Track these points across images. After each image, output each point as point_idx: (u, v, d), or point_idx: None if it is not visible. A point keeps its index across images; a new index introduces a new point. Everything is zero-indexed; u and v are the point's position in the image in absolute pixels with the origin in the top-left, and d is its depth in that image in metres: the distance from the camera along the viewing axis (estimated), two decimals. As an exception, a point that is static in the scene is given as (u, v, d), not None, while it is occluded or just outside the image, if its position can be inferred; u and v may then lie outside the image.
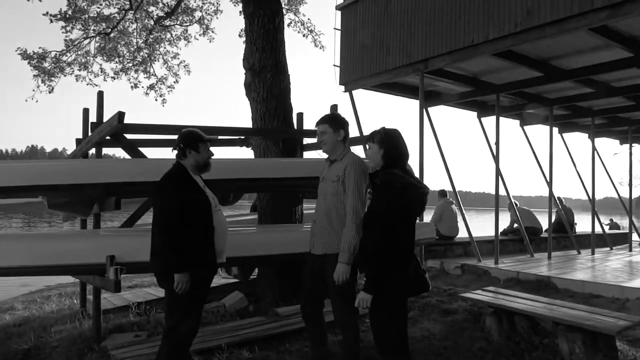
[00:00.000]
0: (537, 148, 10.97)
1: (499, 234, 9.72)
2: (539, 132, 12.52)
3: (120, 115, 3.90)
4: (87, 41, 9.17)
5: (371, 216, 2.90)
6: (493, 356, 4.17)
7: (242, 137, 6.65)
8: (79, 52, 9.17)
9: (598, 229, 11.10)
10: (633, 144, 13.07)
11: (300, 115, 6.65)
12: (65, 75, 9.08)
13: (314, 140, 6.92)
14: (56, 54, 9.00)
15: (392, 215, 2.79)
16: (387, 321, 2.91)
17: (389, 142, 2.97)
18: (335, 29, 8.71)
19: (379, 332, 2.94)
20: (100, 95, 4.87)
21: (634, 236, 12.43)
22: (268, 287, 5.81)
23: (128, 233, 4.35)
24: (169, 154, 3.39)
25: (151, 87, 10.73)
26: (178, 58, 10.83)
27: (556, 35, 5.49)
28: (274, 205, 5.95)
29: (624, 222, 16.77)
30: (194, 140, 3.28)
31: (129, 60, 10.26)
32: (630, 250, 11.18)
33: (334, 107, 6.35)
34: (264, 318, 5.06)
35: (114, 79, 10.26)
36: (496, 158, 8.49)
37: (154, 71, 10.55)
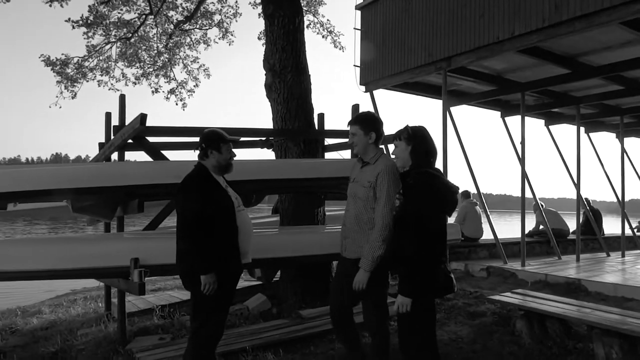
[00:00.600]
0: (562, 148, 10.68)
1: (525, 235, 9.53)
2: (565, 131, 12.19)
3: (143, 117, 3.89)
4: (108, 46, 9.30)
5: (405, 217, 2.82)
6: (525, 361, 4.03)
7: (263, 139, 6.62)
8: (101, 58, 9.30)
9: (627, 231, 10.76)
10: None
11: (321, 116, 6.59)
12: (87, 81, 9.22)
13: (335, 140, 6.87)
14: (78, 59, 9.14)
15: (427, 216, 2.73)
16: (418, 323, 2.82)
17: (417, 139, 2.90)
18: (355, 28, 8.64)
19: (409, 334, 2.86)
20: (122, 98, 4.89)
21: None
22: (291, 290, 5.76)
23: (151, 236, 4.34)
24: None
25: (171, 91, 10.83)
26: (198, 62, 10.92)
27: (586, 29, 5.31)
28: (296, 207, 5.90)
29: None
30: (216, 141, 3.24)
31: (149, 65, 10.36)
32: (662, 252, 10.78)
33: (356, 107, 6.28)
34: (287, 320, 5.00)
35: (135, 84, 10.38)
36: (522, 158, 8.28)
37: (174, 75, 10.65)
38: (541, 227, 10.34)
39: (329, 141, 6.81)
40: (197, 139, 5.87)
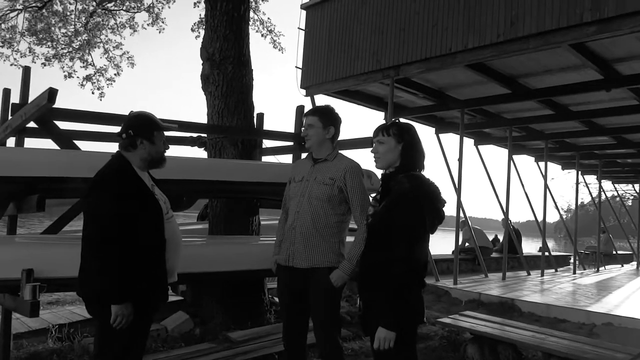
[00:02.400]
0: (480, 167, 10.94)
1: (451, 253, 9.57)
2: (489, 151, 12.59)
3: (52, 92, 3.11)
4: (14, 14, 8.02)
5: (385, 230, 2.28)
6: (478, 392, 3.71)
7: (194, 136, 5.91)
8: (3, 26, 7.98)
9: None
10: (574, 170, 13.46)
11: (260, 116, 6.02)
12: (-18, 51, 7.86)
13: (274, 143, 6.32)
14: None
15: (417, 231, 2.23)
16: (401, 356, 2.32)
17: (409, 136, 2.40)
18: (299, 28, 8.18)
19: None
20: (26, 71, 4.02)
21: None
22: (217, 308, 5.08)
23: (52, 241, 3.51)
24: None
25: (88, 78, 9.65)
26: (121, 48, 9.85)
27: (540, 48, 5.25)
28: (229, 213, 5.26)
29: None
30: (148, 127, 2.55)
31: (63, 46, 9.14)
32: (574, 272, 11.35)
33: (301, 108, 5.80)
34: (214, 344, 4.34)
35: (45, 65, 9.10)
36: (459, 176, 8.25)
37: (92, 60, 9.50)
38: (467, 244, 10.48)
39: (267, 144, 6.28)
40: (116, 129, 5.14)
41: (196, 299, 5.12)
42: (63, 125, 4.28)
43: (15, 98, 4.23)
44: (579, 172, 12.66)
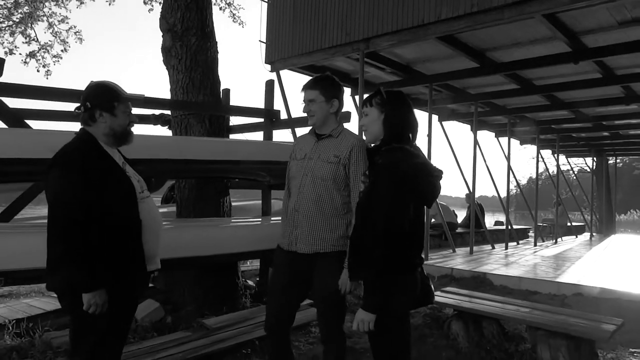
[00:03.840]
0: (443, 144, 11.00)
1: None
2: (454, 128, 12.70)
3: (0, 62, 2.72)
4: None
5: (368, 206, 2.13)
6: (465, 368, 3.67)
7: (157, 114, 5.54)
8: None
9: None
10: (532, 145, 13.82)
11: (226, 92, 5.72)
12: None
13: (241, 120, 6.03)
14: None
15: (398, 206, 2.06)
16: (391, 342, 2.20)
17: (392, 105, 2.23)
18: (262, 0, 7.81)
19: (382, 355, 2.23)
20: (-36, 40, 3.55)
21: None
22: (189, 294, 4.82)
23: (6, 230, 3.15)
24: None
25: (31, 54, 8.92)
26: (67, 22, 9.12)
27: (514, 18, 5.17)
28: (198, 195, 4.96)
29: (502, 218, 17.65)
30: (107, 97, 2.27)
31: (1, 19, 8.37)
32: (535, 244, 11.70)
33: (270, 83, 5.53)
34: (189, 333, 4.09)
35: (-18, 40, 8.34)
36: (428, 152, 8.21)
37: (35, 35, 8.77)
38: (433, 220, 10.57)
39: (234, 121, 5.99)
40: (71, 106, 4.70)
41: (168, 286, 4.84)
42: (11, 103, 3.86)
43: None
44: (538, 147, 12.95)
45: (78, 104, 2.31)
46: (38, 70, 8.97)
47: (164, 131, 5.51)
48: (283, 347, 2.72)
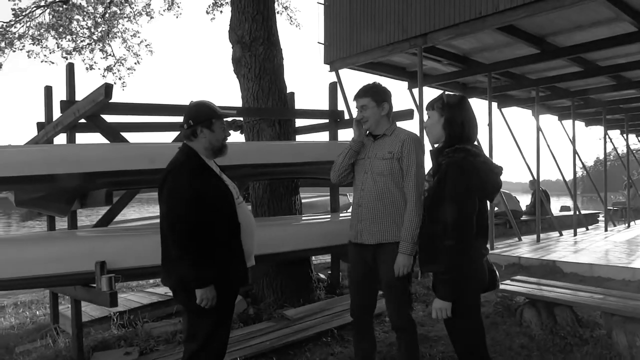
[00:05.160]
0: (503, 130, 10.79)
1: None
2: (513, 113, 12.43)
3: (108, 88, 3.13)
4: (39, 11, 8.02)
5: (436, 202, 2.35)
6: (540, 353, 3.76)
7: (229, 120, 5.92)
8: (30, 24, 8.00)
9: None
10: (599, 126, 13.23)
11: (291, 95, 6.01)
12: (14, 51, 7.92)
13: (307, 122, 6.32)
14: (2, 25, 7.78)
15: (467, 203, 2.27)
16: (467, 326, 2.40)
17: (452, 109, 2.42)
18: (318, 3, 8.05)
19: (462, 340, 2.43)
20: (70, 67, 4.05)
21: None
22: (269, 287, 5.18)
23: (117, 233, 3.60)
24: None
25: (109, 68, 9.67)
26: (138, 36, 9.82)
27: (575, 4, 5.12)
28: (271, 195, 5.31)
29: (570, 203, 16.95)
30: (207, 116, 2.59)
31: (83, 38, 9.14)
32: (606, 229, 11.29)
33: (334, 85, 5.77)
34: (273, 323, 4.44)
35: (66, 59, 9.13)
36: (490, 141, 8.18)
37: (112, 51, 9.50)
38: (496, 208, 10.46)
39: (299, 123, 6.28)
40: (162, 119, 5.16)
41: (252, 280, 5.22)
42: (108, 118, 4.34)
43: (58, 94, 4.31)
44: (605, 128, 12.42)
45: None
46: (115, 83, 9.74)
47: (237, 135, 5.90)
48: (366, 331, 2.99)
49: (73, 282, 3.27)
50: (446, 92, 2.53)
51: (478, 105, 9.01)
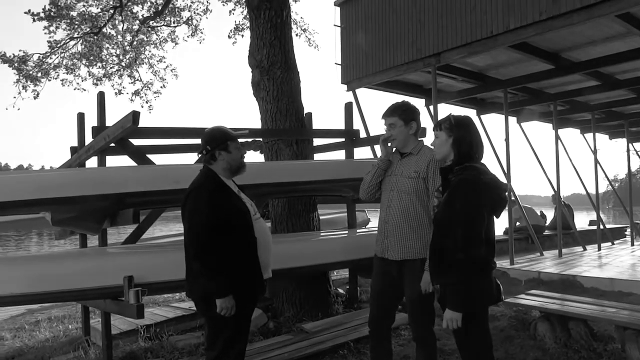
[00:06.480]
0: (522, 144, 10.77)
1: (502, 233, 9.54)
2: (532, 127, 12.40)
3: (135, 115, 3.41)
4: (72, 42, 8.55)
5: (447, 219, 2.49)
6: (553, 366, 3.81)
7: (249, 141, 6.19)
8: (64, 55, 8.53)
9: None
10: (622, 138, 13.05)
11: (309, 116, 6.23)
12: (49, 80, 8.43)
13: (324, 141, 6.53)
14: (39, 56, 8.35)
15: (476, 219, 2.41)
16: (476, 336, 2.52)
17: (460, 129, 2.57)
18: (335, 25, 8.33)
19: (470, 351, 2.55)
20: (101, 96, 4.36)
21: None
22: (288, 301, 5.35)
23: (144, 249, 3.84)
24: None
25: (136, 93, 10.15)
26: (164, 62, 10.28)
27: (584, 22, 5.22)
28: (290, 211, 5.50)
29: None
30: (222, 139, 2.80)
31: (112, 65, 9.64)
32: (632, 244, 11.08)
33: (349, 105, 5.97)
34: (291, 336, 4.59)
35: (96, 85, 9.64)
36: (507, 155, 8.23)
37: (139, 76, 9.97)
38: (517, 223, 10.39)
39: (317, 142, 6.49)
40: (184, 141, 5.46)
41: (271, 294, 5.40)
42: (135, 141, 4.64)
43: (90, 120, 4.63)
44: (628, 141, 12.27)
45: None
46: (142, 106, 10.20)
47: (256, 155, 6.15)
48: (383, 342, 3.09)
49: (103, 295, 3.50)
50: (452, 113, 2.68)
51: (496, 121, 9.12)
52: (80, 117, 4.94)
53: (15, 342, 5.61)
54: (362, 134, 6.86)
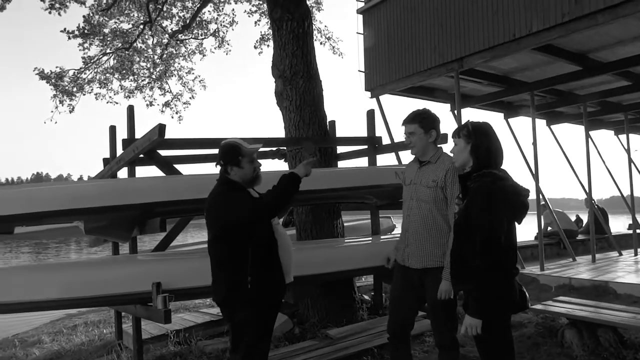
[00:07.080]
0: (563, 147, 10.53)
1: (533, 238, 9.35)
2: (563, 130, 12.12)
3: (161, 128, 3.56)
4: (105, 58, 8.94)
5: (467, 226, 2.48)
6: (581, 374, 3.75)
7: (274, 149, 6.31)
8: (98, 70, 8.92)
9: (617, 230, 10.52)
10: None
11: (332, 124, 6.31)
12: (84, 94, 8.84)
13: (347, 148, 6.59)
14: (74, 72, 8.76)
15: (495, 225, 2.39)
16: (497, 344, 2.51)
17: (478, 136, 2.57)
18: (358, 33, 8.41)
19: (490, 358, 2.55)
20: (130, 109, 4.55)
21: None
22: (313, 308, 5.41)
23: (171, 257, 3.98)
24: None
25: (166, 104, 10.46)
26: (193, 73, 10.59)
27: (609, 22, 5.13)
28: (314, 219, 5.58)
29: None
30: (232, 156, 2.85)
31: (143, 78, 9.99)
32: (672, 249, 10.66)
33: (371, 113, 6.02)
34: (316, 342, 4.65)
35: (129, 97, 10.01)
36: (535, 159, 8.10)
37: (169, 88, 10.29)
38: (549, 228, 10.17)
39: (340, 149, 6.55)
40: (211, 151, 5.61)
41: (297, 300, 5.48)
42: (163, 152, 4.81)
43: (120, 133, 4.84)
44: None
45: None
46: (172, 117, 10.52)
47: (280, 164, 6.25)
48: (403, 349, 3.09)
49: (133, 301, 3.64)
50: (470, 120, 2.69)
51: (525, 124, 8.94)
52: (112, 130, 5.16)
53: (53, 346, 5.87)
54: (387, 141, 6.90)
